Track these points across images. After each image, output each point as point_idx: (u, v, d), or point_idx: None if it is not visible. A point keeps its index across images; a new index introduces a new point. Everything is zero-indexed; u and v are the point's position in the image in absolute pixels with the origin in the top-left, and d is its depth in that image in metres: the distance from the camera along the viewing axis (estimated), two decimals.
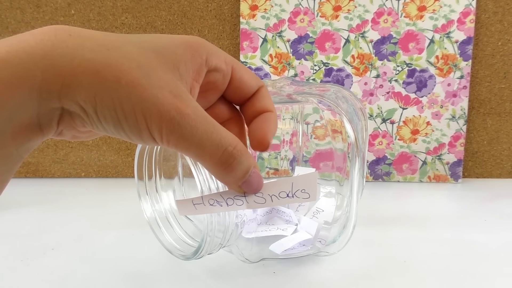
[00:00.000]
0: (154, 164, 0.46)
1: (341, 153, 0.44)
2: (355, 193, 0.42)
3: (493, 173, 0.71)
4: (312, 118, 0.54)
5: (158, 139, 0.24)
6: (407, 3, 0.65)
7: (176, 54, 0.25)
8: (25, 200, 0.62)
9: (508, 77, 0.68)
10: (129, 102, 0.23)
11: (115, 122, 0.24)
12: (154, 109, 0.23)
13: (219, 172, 0.26)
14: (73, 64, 0.23)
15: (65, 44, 0.23)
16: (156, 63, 0.24)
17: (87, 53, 0.23)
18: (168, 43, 0.26)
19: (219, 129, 0.25)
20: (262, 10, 0.66)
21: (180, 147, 0.25)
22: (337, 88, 0.45)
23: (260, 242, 0.43)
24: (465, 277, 0.41)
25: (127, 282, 0.41)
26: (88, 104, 0.23)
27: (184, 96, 0.24)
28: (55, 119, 0.24)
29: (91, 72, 0.23)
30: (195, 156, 0.25)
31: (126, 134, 0.25)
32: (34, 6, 0.67)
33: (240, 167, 0.26)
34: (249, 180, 0.26)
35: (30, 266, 0.43)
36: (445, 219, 0.56)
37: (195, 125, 0.24)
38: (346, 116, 0.41)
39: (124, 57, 0.24)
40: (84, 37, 0.24)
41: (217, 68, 0.27)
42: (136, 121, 0.24)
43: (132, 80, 0.23)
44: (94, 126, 0.24)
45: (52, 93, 0.23)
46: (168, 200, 0.48)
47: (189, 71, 0.26)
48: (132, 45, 0.25)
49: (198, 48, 0.26)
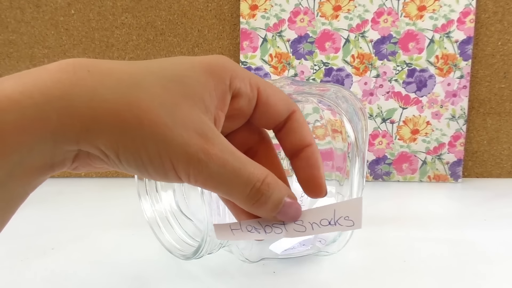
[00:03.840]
0: None
1: (341, 153, 0.44)
2: (355, 193, 0.42)
3: (493, 173, 0.71)
4: (312, 118, 0.54)
5: (185, 179, 0.24)
6: (407, 3, 0.65)
7: (200, 83, 0.24)
8: (25, 200, 0.62)
9: (508, 77, 0.68)
10: (153, 145, 0.22)
11: (139, 164, 0.23)
12: (180, 151, 0.22)
13: (250, 208, 0.25)
14: (92, 105, 0.21)
15: (84, 82, 0.22)
16: (180, 97, 0.23)
17: (106, 93, 0.22)
18: (191, 71, 0.24)
19: (247, 165, 0.24)
20: (262, 10, 0.66)
21: (208, 186, 0.24)
22: (337, 88, 0.45)
23: (260, 242, 0.43)
24: (465, 277, 0.41)
25: (127, 282, 0.41)
26: (110, 148, 0.22)
27: (210, 134, 0.23)
28: (70, 158, 0.23)
29: (111, 114, 0.21)
30: (224, 194, 0.25)
31: (149, 175, 0.24)
32: (34, 6, 0.67)
33: (270, 201, 0.25)
34: (283, 211, 0.26)
35: (30, 266, 0.43)
36: (445, 219, 0.56)
37: (223, 164, 0.23)
38: (346, 116, 0.41)
39: (145, 93, 0.22)
40: (103, 73, 0.22)
41: (241, 93, 0.26)
42: (162, 163, 0.23)
43: (155, 120, 0.22)
44: (114, 167, 0.23)
45: (69, 137, 0.21)
46: (168, 200, 0.48)
47: (214, 101, 0.24)
48: (153, 77, 0.23)
49: (221, 73, 0.25)
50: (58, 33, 0.68)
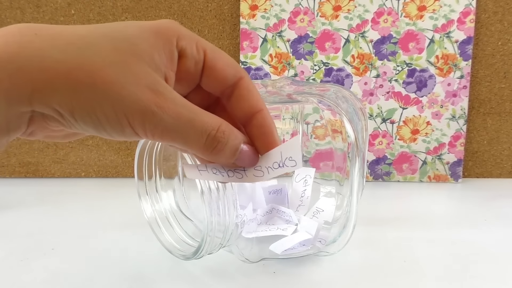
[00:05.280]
0: (154, 164, 0.46)
1: (341, 153, 0.44)
2: (355, 193, 0.42)
3: (493, 173, 0.71)
4: (312, 118, 0.54)
5: (142, 134, 0.24)
6: (407, 3, 0.65)
7: (149, 43, 0.25)
8: (25, 200, 0.62)
9: (508, 77, 0.68)
10: (108, 102, 0.23)
11: (96, 123, 0.23)
12: (134, 107, 0.23)
13: (208, 156, 0.26)
14: (43, 66, 0.22)
15: (32, 45, 0.22)
16: (130, 56, 0.24)
17: (56, 54, 0.22)
18: (140, 32, 0.25)
19: (201, 115, 0.25)
20: (262, 10, 0.66)
21: (165, 139, 0.25)
22: (337, 88, 0.45)
23: (260, 242, 0.43)
24: (465, 277, 0.41)
25: (127, 282, 0.41)
26: (64, 108, 0.23)
27: (162, 89, 0.24)
28: (25, 121, 0.23)
29: (64, 75, 0.22)
30: (181, 145, 0.25)
31: (107, 133, 0.24)
32: (34, 6, 0.67)
33: (226, 147, 0.26)
34: (240, 157, 0.26)
35: (30, 266, 0.43)
36: (445, 219, 0.56)
37: (177, 116, 0.24)
38: (346, 116, 0.41)
39: (97, 55, 0.23)
40: (52, 36, 0.23)
41: (186, 54, 0.26)
42: (118, 120, 0.23)
43: (107, 79, 0.23)
44: (71, 127, 0.24)
45: (22, 97, 0.22)
46: (168, 200, 0.48)
47: (163, 60, 0.25)
48: (104, 39, 0.24)
49: (168, 33, 0.25)
50: None
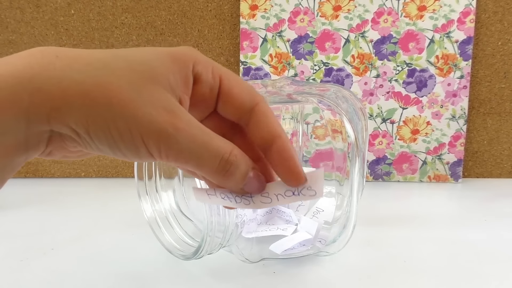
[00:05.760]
0: (154, 164, 0.46)
1: (341, 153, 0.44)
2: (355, 193, 0.42)
3: (493, 173, 0.71)
4: (312, 118, 0.54)
5: (157, 155, 0.24)
6: (407, 3, 0.65)
7: (165, 67, 0.25)
8: (25, 200, 0.62)
9: (508, 77, 0.68)
10: (123, 122, 0.23)
11: (110, 142, 0.24)
12: (150, 127, 0.23)
13: (219, 179, 0.26)
14: (62, 86, 0.22)
15: (53, 66, 0.23)
16: (146, 78, 0.24)
17: (75, 75, 0.23)
18: (157, 56, 0.25)
19: (215, 138, 0.25)
20: (262, 10, 0.66)
21: (179, 161, 0.25)
22: (337, 88, 0.45)
23: (260, 242, 0.43)
24: (465, 277, 0.41)
25: (127, 282, 0.41)
26: (80, 126, 0.23)
27: (177, 111, 0.24)
28: (44, 140, 0.24)
29: (81, 94, 0.23)
30: (194, 168, 0.25)
31: (122, 153, 0.24)
32: (34, 6, 0.67)
33: (237, 171, 0.26)
34: (249, 182, 0.27)
35: (30, 266, 0.43)
36: (445, 219, 0.56)
37: (192, 138, 0.24)
38: (346, 116, 0.41)
39: (113, 75, 0.23)
40: (71, 58, 0.23)
41: (202, 79, 0.27)
42: (132, 140, 0.24)
43: (123, 99, 0.23)
44: (87, 147, 0.24)
45: (40, 116, 0.22)
46: (168, 200, 0.48)
47: (178, 84, 0.25)
48: (121, 61, 0.24)
49: (184, 58, 0.26)
50: (58, 33, 0.68)
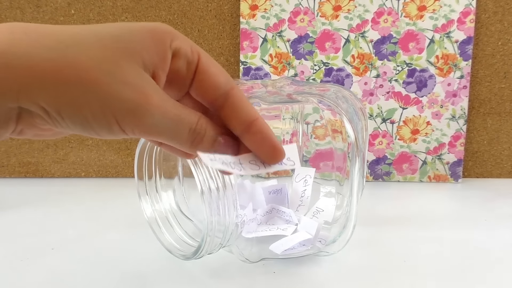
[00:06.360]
0: (154, 164, 0.46)
1: (341, 153, 0.44)
2: (355, 193, 0.42)
3: (493, 173, 0.71)
4: (312, 118, 0.54)
5: (130, 132, 0.25)
6: (407, 3, 0.65)
7: (139, 42, 0.25)
8: (25, 200, 0.62)
9: (508, 77, 0.68)
10: (95, 101, 0.23)
11: (83, 121, 0.24)
12: (122, 106, 0.23)
13: (190, 149, 0.27)
14: (31, 64, 0.22)
15: (21, 42, 0.22)
16: (118, 55, 0.24)
17: (45, 52, 0.22)
18: (131, 31, 0.25)
19: (183, 110, 0.26)
20: (262, 10, 0.66)
21: (152, 136, 0.25)
22: (337, 88, 0.45)
23: (260, 242, 0.43)
24: (465, 277, 0.41)
25: (127, 282, 0.41)
26: (51, 105, 0.23)
27: (149, 87, 0.24)
28: (13, 118, 0.24)
29: (51, 72, 0.22)
30: (166, 140, 0.26)
31: (95, 132, 0.24)
32: (34, 6, 0.67)
33: (205, 139, 0.27)
34: (219, 148, 0.28)
35: (30, 266, 0.43)
36: (445, 219, 0.56)
37: (164, 113, 0.25)
38: (346, 116, 0.41)
39: (85, 52, 0.23)
40: (41, 34, 0.23)
41: (180, 53, 0.26)
42: (105, 119, 0.24)
43: (95, 77, 0.23)
44: (57, 126, 0.24)
45: (9, 92, 0.22)
46: (168, 200, 0.48)
47: (153, 59, 0.25)
48: (92, 37, 0.24)
49: (163, 34, 0.26)
50: None
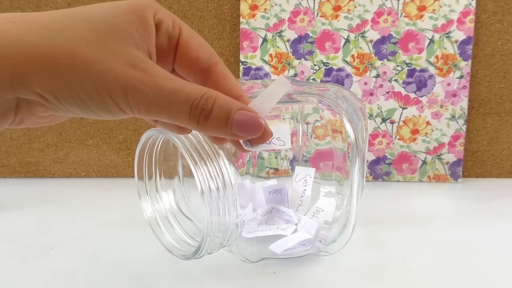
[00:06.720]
0: (154, 164, 0.46)
1: (341, 153, 0.44)
2: (355, 193, 0.42)
3: (492, 173, 0.71)
4: (312, 118, 0.54)
5: (129, 111, 0.24)
6: (407, 3, 0.65)
7: (127, 21, 0.25)
8: (25, 200, 0.62)
9: (507, 76, 0.68)
10: (89, 81, 0.23)
11: (79, 103, 0.23)
12: (116, 83, 0.23)
13: (197, 128, 0.25)
14: (21, 51, 0.22)
15: (10, 32, 0.22)
16: (108, 35, 0.24)
17: (34, 39, 0.22)
18: (117, 11, 0.25)
19: (185, 86, 0.24)
20: (262, 10, 0.66)
21: (151, 114, 0.24)
22: (337, 88, 0.45)
23: (260, 242, 0.43)
24: (465, 277, 0.41)
25: (127, 282, 0.41)
26: (46, 90, 0.23)
27: (142, 64, 0.24)
28: (11, 109, 0.24)
29: (42, 57, 0.22)
30: (167, 119, 0.25)
31: (93, 113, 0.24)
32: (34, 6, 0.67)
33: (212, 114, 0.25)
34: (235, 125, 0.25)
35: (30, 266, 0.43)
36: (445, 219, 0.56)
37: (159, 89, 0.24)
38: (346, 116, 0.41)
39: (73, 36, 0.23)
40: (28, 22, 0.23)
41: (161, 26, 0.26)
42: (101, 98, 0.23)
43: (86, 58, 0.23)
44: (57, 111, 0.24)
45: (3, 84, 0.22)
46: (168, 200, 0.48)
47: (143, 36, 0.25)
48: (81, 21, 0.24)
49: (146, 9, 0.25)
50: None
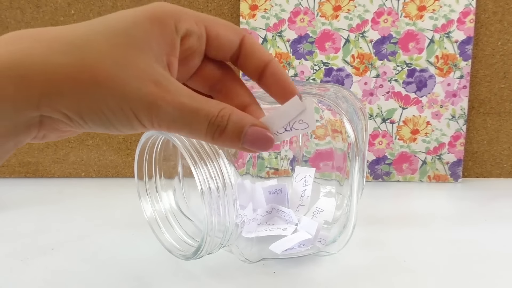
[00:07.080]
0: (154, 164, 0.46)
1: (341, 153, 0.44)
2: (355, 193, 0.42)
3: (493, 173, 0.71)
4: None
5: (150, 126, 0.25)
6: (407, 3, 0.65)
7: (146, 33, 0.25)
8: (25, 200, 0.62)
9: (508, 76, 0.68)
10: (113, 100, 0.23)
11: (104, 121, 0.24)
12: (140, 102, 0.24)
13: (214, 142, 0.26)
14: (47, 71, 0.22)
15: (33, 51, 0.23)
16: (128, 50, 0.24)
17: (58, 57, 0.23)
18: (135, 22, 0.25)
19: (204, 104, 0.25)
20: (262, 10, 0.66)
21: (172, 130, 0.25)
22: (337, 88, 0.45)
23: (260, 242, 0.43)
24: (465, 277, 0.41)
25: (127, 282, 0.41)
26: (72, 111, 0.23)
27: (164, 81, 0.24)
28: (35, 125, 0.24)
29: (68, 78, 0.23)
30: (188, 134, 0.26)
31: (116, 129, 0.25)
32: (34, 6, 0.67)
33: (226, 130, 0.26)
34: (247, 139, 0.26)
35: (30, 266, 0.43)
36: (445, 219, 0.56)
37: (181, 107, 0.24)
38: (346, 116, 0.41)
39: (96, 52, 0.23)
40: (50, 39, 0.23)
41: (189, 33, 0.26)
42: (125, 116, 0.24)
43: (109, 77, 0.23)
44: (80, 128, 0.25)
45: (29, 103, 0.22)
46: (168, 200, 0.48)
47: (163, 47, 0.25)
48: (99, 36, 0.24)
49: (165, 18, 0.25)
50: None
